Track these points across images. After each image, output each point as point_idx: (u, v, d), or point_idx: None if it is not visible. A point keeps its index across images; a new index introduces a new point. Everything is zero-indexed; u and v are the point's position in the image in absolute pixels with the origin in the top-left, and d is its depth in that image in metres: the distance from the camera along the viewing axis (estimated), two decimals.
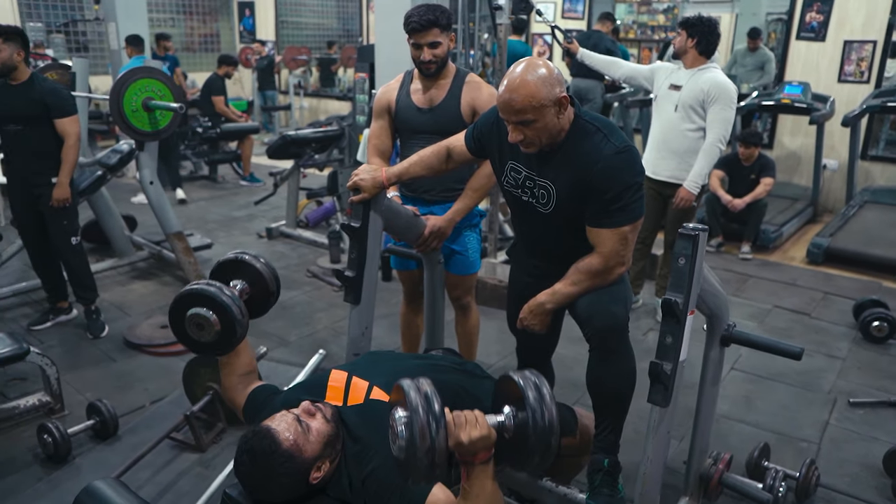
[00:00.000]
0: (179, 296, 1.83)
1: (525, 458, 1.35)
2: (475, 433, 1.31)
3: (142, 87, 3.64)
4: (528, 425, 1.31)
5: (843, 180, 6.17)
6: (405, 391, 1.29)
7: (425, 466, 1.25)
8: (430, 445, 1.24)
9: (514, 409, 1.36)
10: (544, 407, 1.31)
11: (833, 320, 3.97)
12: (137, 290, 4.25)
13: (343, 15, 11.57)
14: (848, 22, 6.05)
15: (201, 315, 1.79)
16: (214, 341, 1.82)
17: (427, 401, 1.27)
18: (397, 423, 1.28)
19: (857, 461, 2.66)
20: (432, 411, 1.26)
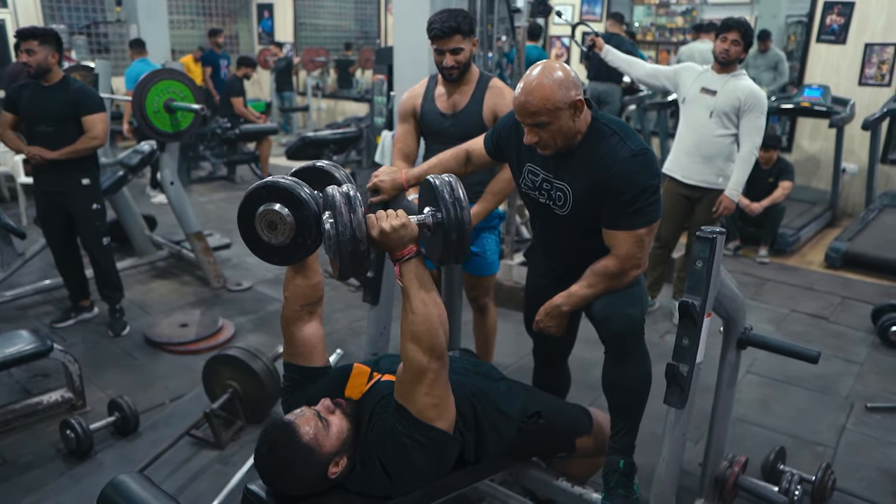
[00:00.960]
0: (253, 189, 1.58)
1: (446, 246, 1.58)
2: (395, 222, 1.51)
3: (164, 88, 3.70)
4: (442, 212, 1.55)
5: (862, 184, 6.11)
6: (326, 191, 1.49)
7: (348, 242, 1.43)
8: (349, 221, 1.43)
9: (433, 208, 1.58)
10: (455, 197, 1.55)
11: (851, 325, 3.94)
12: (157, 289, 4.31)
13: (361, 17, 11.64)
14: (869, 24, 5.99)
15: (275, 211, 1.54)
16: (286, 245, 1.58)
17: (344, 193, 1.46)
18: (324, 222, 1.46)
19: (874, 466, 2.65)
20: (349, 199, 1.45)
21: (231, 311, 3.97)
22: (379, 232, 1.50)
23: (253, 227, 1.59)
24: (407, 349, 1.54)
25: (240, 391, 2.80)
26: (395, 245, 1.53)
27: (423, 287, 1.54)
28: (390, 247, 1.54)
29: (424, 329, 1.51)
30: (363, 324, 3.89)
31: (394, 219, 1.52)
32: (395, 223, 1.51)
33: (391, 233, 1.51)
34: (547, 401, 1.99)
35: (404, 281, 1.55)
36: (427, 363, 1.51)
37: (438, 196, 1.57)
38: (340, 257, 1.46)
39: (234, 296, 4.22)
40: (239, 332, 3.71)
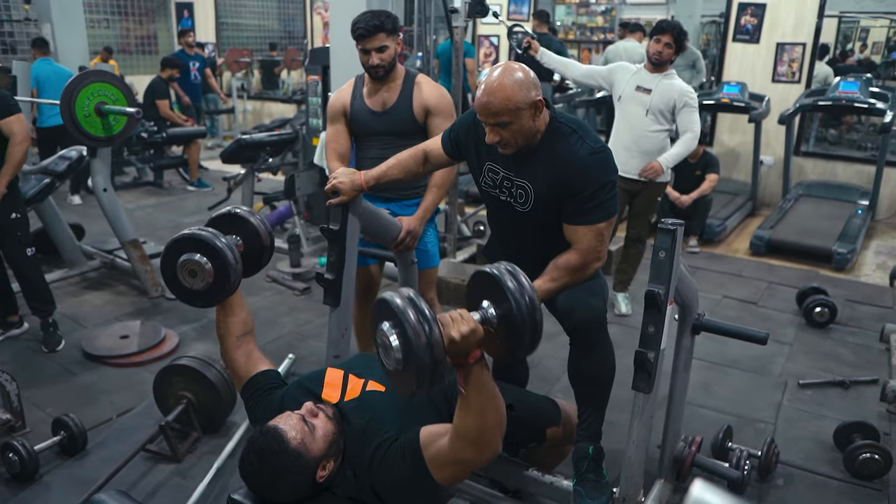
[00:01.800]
0: (173, 241, 1.76)
1: (516, 342, 1.39)
2: (464, 328, 1.33)
3: (94, 91, 3.54)
4: (513, 308, 1.35)
5: (778, 175, 6.49)
6: (387, 300, 1.31)
7: (428, 364, 1.25)
8: (426, 342, 1.24)
9: (492, 301, 1.40)
10: (523, 288, 1.36)
11: (778, 308, 4.19)
12: (91, 300, 4.13)
13: (284, 16, 11.44)
14: (780, 25, 6.37)
15: (194, 261, 1.73)
16: (207, 289, 1.76)
17: (412, 302, 1.28)
18: (386, 334, 1.28)
19: (810, 438, 2.83)
20: (420, 310, 1.27)
21: (172, 320, 3.85)
22: (448, 342, 1.32)
23: (175, 276, 1.77)
24: (456, 442, 1.46)
25: (194, 401, 2.72)
26: (462, 353, 1.36)
27: (484, 392, 1.41)
28: (456, 355, 1.36)
29: (477, 434, 1.43)
30: (311, 327, 3.86)
31: (462, 324, 1.34)
32: (464, 330, 1.33)
33: (460, 341, 1.32)
34: (517, 393, 2.04)
35: (467, 388, 1.40)
36: (473, 458, 1.47)
37: (504, 288, 1.37)
38: (417, 376, 1.29)
39: (175, 304, 4.08)
40: (183, 341, 3.60)
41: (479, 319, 1.39)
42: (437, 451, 1.50)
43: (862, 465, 2.54)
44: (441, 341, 1.27)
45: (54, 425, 2.67)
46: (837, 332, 3.86)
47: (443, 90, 2.80)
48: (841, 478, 2.58)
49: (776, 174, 6.54)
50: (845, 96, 5.63)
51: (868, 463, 2.53)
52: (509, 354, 1.46)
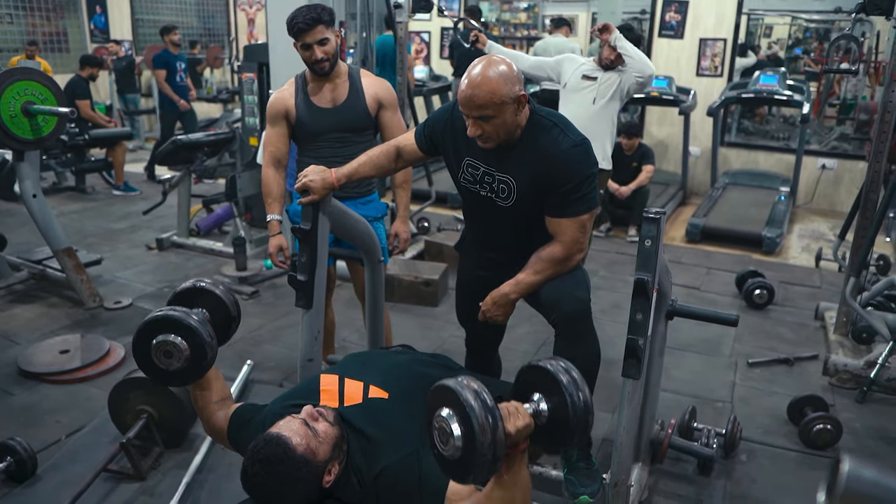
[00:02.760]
0: (143, 325, 1.76)
1: (563, 438, 1.38)
2: (520, 423, 1.32)
3: (20, 90, 3.32)
4: (568, 407, 1.33)
5: (705, 165, 6.78)
6: (453, 390, 1.27)
7: (489, 461, 1.24)
8: (491, 440, 1.23)
9: (543, 394, 1.39)
10: (580, 389, 1.35)
11: (720, 292, 4.38)
12: (22, 314, 3.86)
13: (204, 13, 11.04)
14: (702, 21, 6.65)
15: (169, 342, 1.72)
16: (184, 368, 1.75)
17: (480, 397, 1.26)
18: (447, 422, 1.26)
19: (765, 413, 2.97)
20: (488, 406, 1.25)
21: (115, 331, 3.65)
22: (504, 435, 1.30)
23: (150, 359, 1.75)
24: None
25: (155, 416, 2.59)
26: (512, 444, 1.33)
27: (520, 481, 1.39)
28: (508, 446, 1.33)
29: None
30: (264, 331, 3.75)
31: (517, 419, 1.32)
32: (520, 425, 1.31)
33: (515, 436, 1.31)
34: (502, 386, 2.04)
35: (508, 474, 1.37)
36: None
37: (562, 386, 1.35)
38: (474, 469, 1.27)
39: (115, 314, 3.88)
40: (130, 353, 3.40)
41: (530, 412, 1.38)
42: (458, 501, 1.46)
43: (816, 435, 2.68)
44: (504, 440, 1.26)
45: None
46: (776, 312, 4.06)
47: (387, 83, 2.79)
48: (797, 449, 2.72)
49: (703, 164, 6.83)
50: (766, 89, 5.94)
51: (822, 433, 2.68)
52: (554, 448, 1.45)
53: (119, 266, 4.63)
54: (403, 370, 1.79)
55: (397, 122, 2.76)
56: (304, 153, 2.74)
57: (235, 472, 2.45)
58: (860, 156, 6.32)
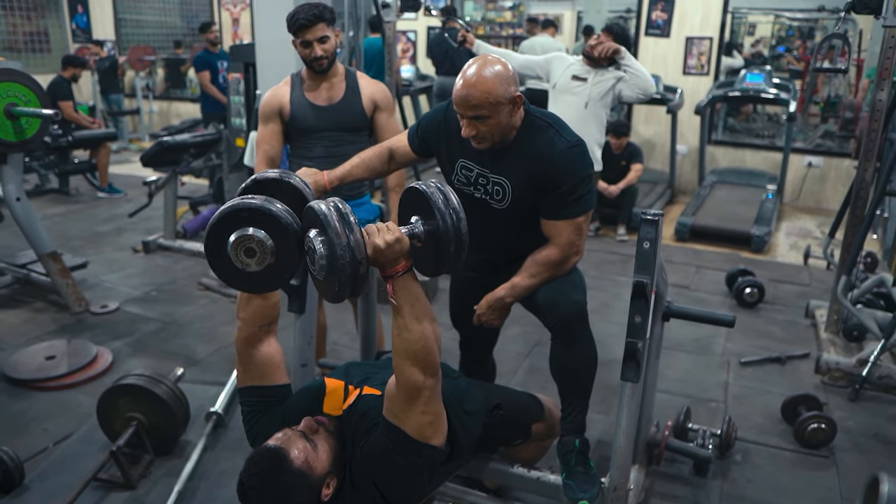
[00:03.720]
0: (225, 210, 1.41)
1: (441, 255, 1.46)
2: (389, 237, 1.40)
3: (2, 92, 3.25)
4: (438, 222, 1.42)
5: (692, 163, 6.80)
6: (313, 208, 1.35)
7: (348, 264, 1.31)
8: (346, 242, 1.30)
9: (421, 217, 1.48)
10: (450, 203, 1.44)
11: (709, 291, 4.39)
12: (6, 320, 3.79)
13: (188, 12, 10.93)
14: (688, 20, 6.66)
15: (254, 237, 1.39)
16: (260, 273, 1.43)
17: (337, 209, 1.33)
18: (312, 241, 1.33)
19: (759, 413, 2.97)
20: (343, 214, 1.33)
21: (102, 336, 3.59)
22: (373, 249, 1.39)
23: (225, 255, 1.42)
24: (401, 368, 1.46)
25: (145, 422, 2.55)
26: (388, 262, 1.42)
27: (416, 303, 1.46)
28: (382, 263, 1.43)
29: (420, 346, 1.45)
30: None
31: (386, 233, 1.41)
32: (388, 238, 1.40)
33: (385, 249, 1.40)
34: (501, 392, 2.03)
35: (398, 298, 1.45)
36: (423, 381, 1.46)
37: (433, 205, 1.44)
38: (339, 281, 1.34)
39: (102, 319, 3.82)
40: (118, 358, 3.37)
41: (407, 233, 1.46)
42: (391, 398, 1.51)
43: (811, 434, 2.69)
44: (362, 243, 1.34)
45: None
46: (766, 310, 4.08)
47: (383, 85, 2.79)
48: (792, 448, 2.72)
49: (690, 162, 6.85)
50: (753, 87, 5.97)
51: (816, 433, 2.69)
52: (437, 268, 1.52)
53: (105, 269, 4.57)
54: None
55: (392, 125, 2.74)
56: (297, 152, 2.71)
57: (228, 479, 2.42)
58: (846, 153, 6.37)
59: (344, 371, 1.82)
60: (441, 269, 1.51)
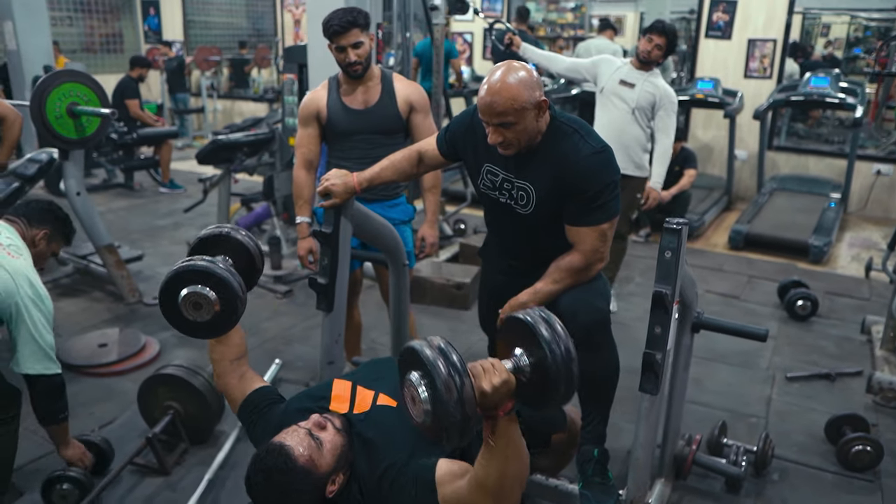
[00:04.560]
0: (173, 274, 1.66)
1: (549, 393, 1.32)
2: (496, 379, 1.27)
3: (66, 91, 3.42)
4: (548, 358, 1.28)
5: (751, 170, 6.58)
6: (416, 350, 1.24)
7: (458, 421, 1.20)
8: (457, 397, 1.19)
9: (525, 349, 1.34)
10: (558, 337, 1.30)
11: (760, 301, 4.24)
12: (65, 308, 3.99)
13: (253, 14, 11.26)
14: (751, 21, 6.45)
15: (198, 293, 1.63)
16: (211, 321, 1.67)
17: (444, 353, 1.23)
18: (415, 386, 1.23)
19: (802, 431, 2.86)
20: (451, 363, 1.22)
21: (152, 327, 3.74)
22: (480, 394, 1.27)
23: (177, 310, 1.66)
24: (475, 487, 1.41)
25: (181, 411, 2.64)
26: (493, 405, 1.31)
27: (511, 445, 1.36)
28: (486, 407, 1.31)
29: (498, 486, 1.37)
30: (296, 331, 3.78)
31: (493, 375, 1.28)
32: (496, 382, 1.27)
33: (492, 393, 1.27)
34: None
35: (495, 440, 1.35)
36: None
37: (538, 335, 1.32)
38: (447, 431, 1.25)
39: (153, 310, 3.97)
40: (165, 348, 3.50)
41: (511, 368, 1.33)
42: (454, 493, 1.44)
43: (854, 457, 2.57)
44: (473, 396, 1.22)
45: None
46: (819, 324, 3.91)
47: (419, 87, 2.80)
48: (834, 470, 2.60)
49: (750, 168, 6.63)
50: (817, 91, 5.73)
51: (860, 455, 2.56)
52: (541, 405, 1.39)
53: (160, 262, 4.75)
54: None
55: (428, 126, 2.75)
56: (335, 154, 2.76)
57: None
58: None
59: (354, 372, 1.84)
60: (545, 405, 1.39)
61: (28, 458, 2.55)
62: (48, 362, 2.11)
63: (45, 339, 2.10)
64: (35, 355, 2.09)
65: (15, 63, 6.27)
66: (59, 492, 2.28)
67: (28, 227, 2.32)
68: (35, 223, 2.33)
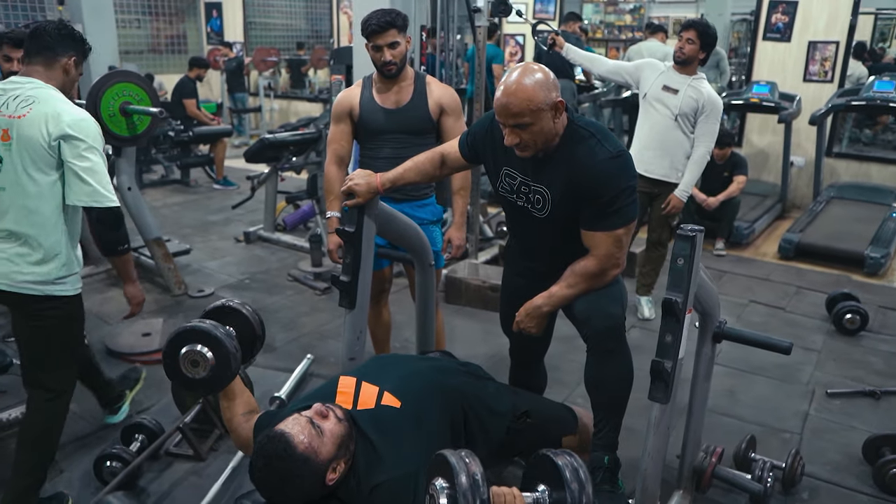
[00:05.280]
0: (175, 334, 1.88)
1: None
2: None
3: (119, 91, 3.58)
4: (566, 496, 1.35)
5: (809, 177, 6.34)
6: (453, 467, 1.30)
7: None
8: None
9: (549, 487, 1.40)
10: (581, 488, 1.36)
11: (807, 313, 4.09)
12: (116, 297, 4.17)
13: (311, 16, 11.50)
14: (812, 23, 6.22)
15: (196, 351, 1.85)
16: (209, 377, 1.86)
17: (473, 479, 1.30)
18: (438, 492, 1.31)
19: (838, 450, 2.75)
20: (476, 486, 1.28)
21: (195, 318, 3.86)
22: None
23: (178, 368, 1.87)
24: None
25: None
26: None
27: None
28: None
29: None
30: (331, 327, 3.86)
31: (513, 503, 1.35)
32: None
33: None
34: (533, 400, 2.01)
35: None
36: None
37: (563, 479, 1.38)
38: None
39: (197, 302, 4.12)
40: None
41: (530, 502, 1.39)
42: None
43: (892, 479, 2.45)
44: None
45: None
46: (868, 339, 3.74)
47: (452, 90, 2.82)
48: (869, 492, 2.49)
49: (807, 176, 6.39)
50: (880, 96, 5.48)
51: None
52: None
53: (207, 256, 4.91)
54: (421, 379, 1.79)
55: (458, 128, 2.77)
56: (366, 152, 2.81)
57: None
58: None
59: (363, 368, 1.88)
60: None
61: (71, 437, 2.68)
62: (98, 196, 2.07)
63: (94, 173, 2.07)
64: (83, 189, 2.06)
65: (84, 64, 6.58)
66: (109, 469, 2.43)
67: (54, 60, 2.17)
68: (61, 52, 2.19)
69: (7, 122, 2.05)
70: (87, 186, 2.05)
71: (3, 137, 2.06)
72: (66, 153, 2.03)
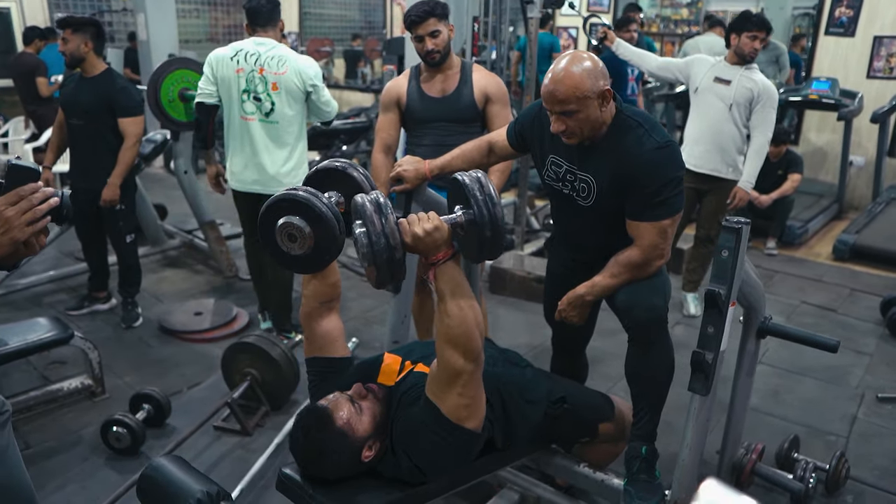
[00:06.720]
0: (272, 201, 1.57)
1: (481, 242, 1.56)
2: (427, 225, 1.49)
3: (178, 77, 3.72)
4: (474, 209, 1.53)
5: (868, 177, 6.13)
6: (355, 201, 1.49)
7: (385, 250, 1.43)
8: (382, 229, 1.43)
9: (464, 206, 1.57)
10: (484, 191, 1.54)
11: (860, 316, 3.97)
12: (170, 277, 4.33)
13: (365, 7, 11.63)
14: (878, 17, 5.99)
15: (294, 224, 1.53)
16: (305, 255, 1.58)
17: (374, 201, 1.46)
18: (355, 232, 1.46)
19: (886, 455, 2.68)
20: (378, 205, 1.45)
21: (244, 299, 3.99)
22: (412, 237, 1.49)
23: (273, 238, 1.58)
24: (442, 351, 1.53)
25: (258, 378, 2.82)
26: (430, 249, 1.51)
27: (458, 290, 1.53)
28: (424, 251, 1.52)
29: (460, 332, 1.51)
30: (376, 312, 3.93)
31: (426, 222, 1.50)
32: (427, 227, 1.49)
33: (424, 237, 1.49)
34: (570, 387, 2.03)
35: (439, 284, 1.53)
36: (462, 365, 1.51)
37: (469, 194, 1.55)
38: (376, 266, 1.46)
39: (247, 285, 4.23)
40: (254, 320, 3.73)
41: (449, 222, 1.55)
42: (433, 378, 1.58)
43: None
44: (396, 230, 1.46)
45: (135, 400, 2.77)
46: None
47: (497, 78, 2.83)
48: None
49: (867, 175, 6.18)
50: None
51: None
52: (478, 256, 1.66)
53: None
54: None
55: (504, 117, 2.78)
56: (412, 140, 2.86)
57: None
58: None
59: (408, 348, 1.92)
60: (481, 254, 1.62)
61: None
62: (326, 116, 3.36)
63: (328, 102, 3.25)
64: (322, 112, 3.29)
65: (145, 52, 6.81)
66: (114, 434, 2.55)
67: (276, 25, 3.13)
68: (276, 18, 3.09)
69: (275, 78, 3.01)
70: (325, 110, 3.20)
71: (274, 87, 3.02)
72: (312, 95, 3.11)
